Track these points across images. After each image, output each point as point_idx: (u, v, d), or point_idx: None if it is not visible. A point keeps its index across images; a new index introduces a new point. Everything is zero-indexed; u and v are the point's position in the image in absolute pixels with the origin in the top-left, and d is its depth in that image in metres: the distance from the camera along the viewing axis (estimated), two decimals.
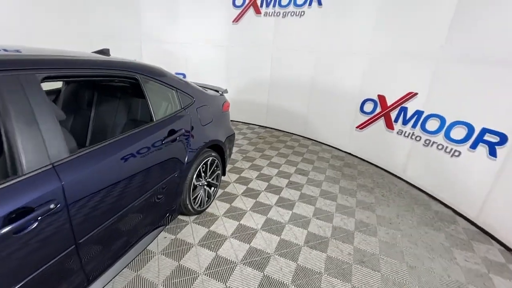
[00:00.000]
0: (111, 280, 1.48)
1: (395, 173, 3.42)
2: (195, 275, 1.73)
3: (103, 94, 2.12)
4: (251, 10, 4.57)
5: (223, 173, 2.66)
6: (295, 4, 4.17)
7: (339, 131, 4.12)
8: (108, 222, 1.35)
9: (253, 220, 2.33)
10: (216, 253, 1.93)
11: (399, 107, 3.26)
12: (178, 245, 1.98)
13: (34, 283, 1.04)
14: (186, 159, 1.97)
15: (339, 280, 1.78)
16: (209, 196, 2.42)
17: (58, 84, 2.15)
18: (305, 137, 4.66)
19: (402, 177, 3.33)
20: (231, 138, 2.72)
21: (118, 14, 4.83)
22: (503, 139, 2.27)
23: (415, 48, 3.00)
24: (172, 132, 1.79)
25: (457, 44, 2.60)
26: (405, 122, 3.22)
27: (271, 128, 5.06)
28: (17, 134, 1.01)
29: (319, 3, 3.92)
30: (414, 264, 1.98)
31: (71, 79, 1.52)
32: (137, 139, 1.52)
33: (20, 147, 1.01)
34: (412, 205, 2.79)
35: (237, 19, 4.71)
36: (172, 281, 1.68)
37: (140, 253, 1.70)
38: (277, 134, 4.80)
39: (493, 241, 2.32)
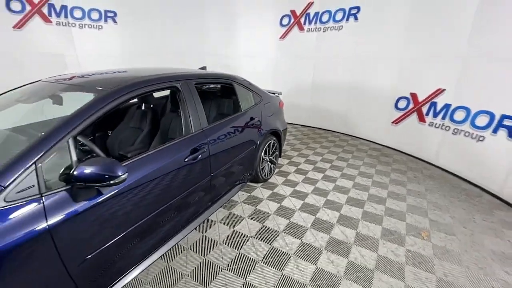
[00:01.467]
0: (217, 209, 2.38)
1: (428, 161, 3.87)
2: (268, 215, 2.54)
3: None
4: (295, 28, 5.43)
5: (280, 155, 3.48)
6: (334, 20, 4.92)
7: (376, 127, 4.66)
8: (222, 168, 2.25)
9: (304, 188, 3.08)
10: (280, 204, 2.72)
11: (430, 102, 3.75)
12: (253, 199, 2.83)
13: (195, 192, 1.97)
14: (258, 139, 2.83)
15: (373, 224, 2.43)
16: (270, 170, 3.25)
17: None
18: (345, 134, 5.27)
19: (435, 163, 3.77)
20: (284, 131, 3.54)
21: (187, 36, 6.06)
22: None
23: (441, 51, 3.51)
24: (252, 118, 2.68)
25: (478, 45, 3.09)
26: (435, 115, 3.70)
27: (314, 127, 5.76)
28: (189, 111, 1.96)
29: (355, 18, 4.61)
30: (436, 219, 2.53)
31: (204, 84, 2.50)
32: (235, 120, 2.44)
33: (191, 118, 1.96)
34: (442, 184, 3.25)
35: (283, 36, 5.62)
36: (254, 217, 2.51)
37: (232, 197, 2.59)
38: (319, 132, 5.48)
39: None
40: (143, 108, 2.68)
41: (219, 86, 3.11)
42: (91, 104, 1.42)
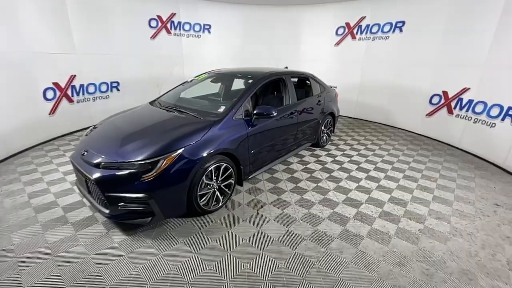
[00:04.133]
0: (293, 155, 3.90)
1: (453, 144, 4.87)
2: (326, 162, 3.97)
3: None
4: (348, 37, 6.70)
5: (333, 131, 4.87)
6: (382, 31, 6.07)
7: (413, 118, 5.72)
8: (301, 128, 3.75)
9: (351, 153, 4.42)
10: (334, 159, 4.12)
11: (457, 98, 4.76)
12: (315, 155, 4.27)
13: (290, 136, 3.51)
14: (321, 116, 4.26)
15: (397, 172, 3.69)
16: (326, 140, 4.66)
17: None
18: (385, 124, 6.38)
19: (458, 146, 4.77)
20: (338, 116, 4.91)
21: (261, 43, 7.70)
22: None
23: (468, 58, 4.53)
24: (319, 101, 4.14)
25: (495, 55, 4.09)
26: (461, 108, 4.70)
27: (359, 119, 6.95)
28: (289, 90, 3.51)
29: (401, 30, 5.73)
30: (445, 174, 3.68)
31: (293, 77, 4.01)
32: (310, 100, 3.93)
33: (290, 95, 3.50)
34: (459, 158, 4.30)
35: (337, 43, 6.92)
36: (317, 163, 3.95)
37: (301, 151, 4.08)
38: (363, 122, 6.67)
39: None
40: None
41: (296, 78, 4.61)
42: (254, 82, 3.04)
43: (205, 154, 2.32)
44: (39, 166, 3.57)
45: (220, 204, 2.64)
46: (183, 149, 2.22)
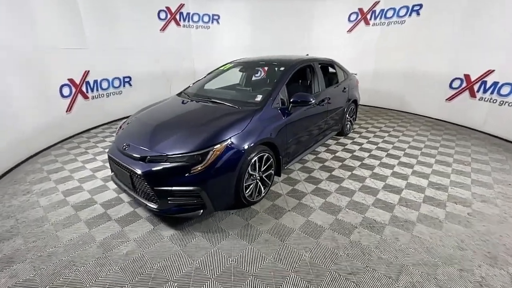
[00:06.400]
0: (321, 144, 3.83)
1: (476, 128, 4.82)
2: (354, 151, 3.91)
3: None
4: (362, 23, 6.55)
5: (355, 119, 4.80)
6: (398, 16, 5.93)
7: (431, 104, 5.64)
8: (329, 116, 3.67)
9: (376, 140, 4.36)
10: (361, 146, 4.07)
11: (480, 81, 4.68)
12: (341, 142, 4.21)
13: (319, 124, 3.43)
14: (345, 103, 4.18)
15: (428, 157, 3.65)
16: (349, 128, 4.59)
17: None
18: (401, 111, 6.31)
19: (481, 130, 4.72)
20: (358, 104, 4.83)
21: (273, 33, 7.52)
22: None
23: (491, 39, 4.42)
24: (344, 88, 4.06)
25: None
26: (485, 91, 4.63)
27: (374, 106, 6.87)
28: (318, 77, 3.42)
29: (418, 14, 5.59)
30: (476, 157, 3.64)
31: (319, 64, 3.91)
32: (337, 87, 3.85)
33: (319, 82, 3.41)
34: (486, 142, 4.26)
35: (350, 30, 6.77)
36: (344, 150, 3.90)
37: (327, 140, 4.02)
38: (379, 109, 6.60)
39: None
40: None
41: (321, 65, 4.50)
42: (286, 69, 2.95)
43: (250, 144, 2.25)
44: (64, 164, 3.49)
45: (262, 195, 2.59)
46: (230, 139, 2.15)
